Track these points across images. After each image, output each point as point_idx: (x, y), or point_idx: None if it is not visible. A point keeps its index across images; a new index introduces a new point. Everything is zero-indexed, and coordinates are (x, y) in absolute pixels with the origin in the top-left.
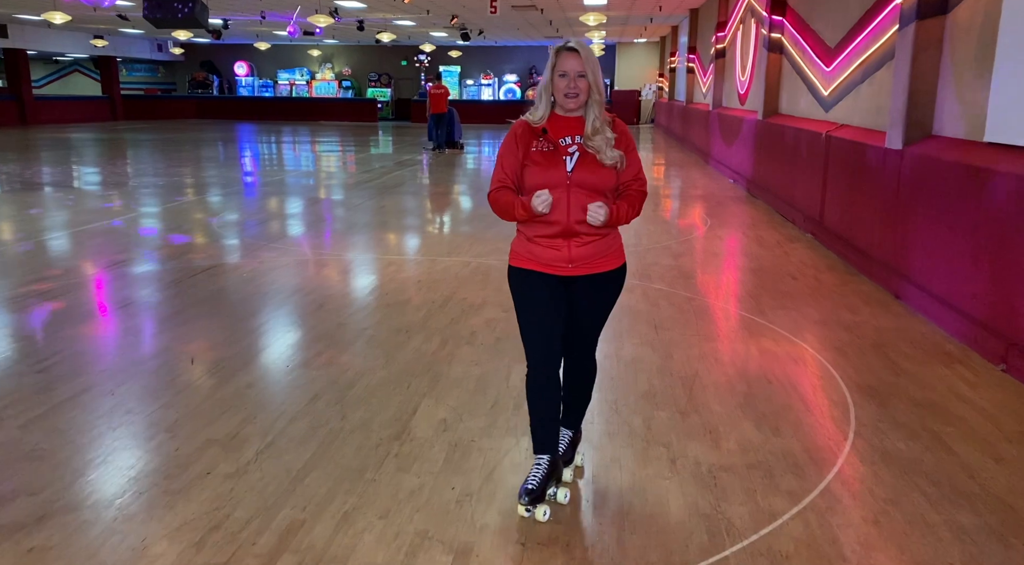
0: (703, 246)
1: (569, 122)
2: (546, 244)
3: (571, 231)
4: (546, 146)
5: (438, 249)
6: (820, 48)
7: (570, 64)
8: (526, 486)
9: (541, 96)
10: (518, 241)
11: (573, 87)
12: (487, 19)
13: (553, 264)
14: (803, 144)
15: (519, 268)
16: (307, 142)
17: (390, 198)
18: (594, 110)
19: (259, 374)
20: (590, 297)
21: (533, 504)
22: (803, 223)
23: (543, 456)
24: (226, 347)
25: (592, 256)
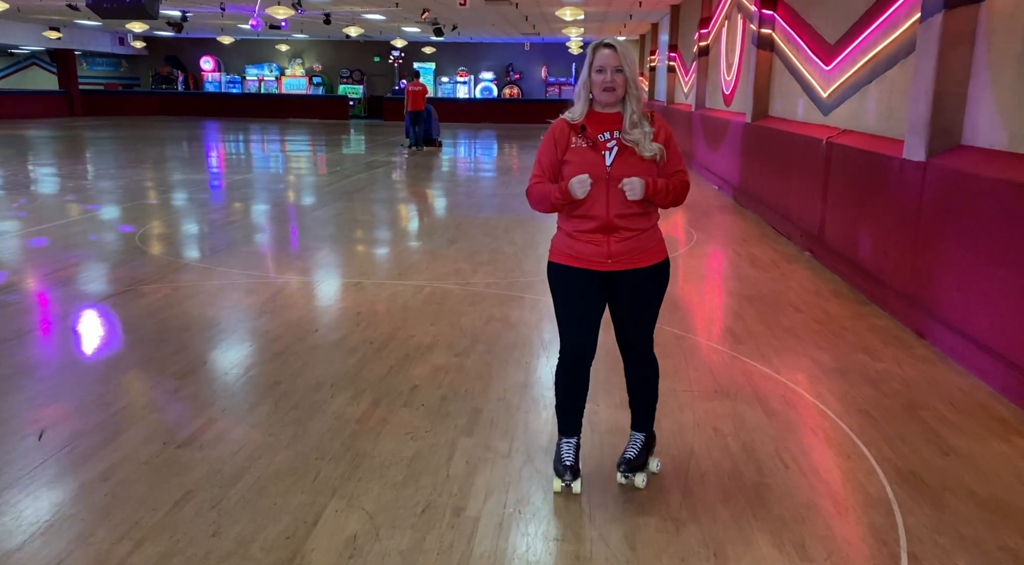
0: (690, 266)
1: (607, 118)
2: (586, 239)
3: (611, 226)
4: (585, 142)
5: (389, 270)
6: (818, 45)
7: (607, 59)
8: (564, 462)
9: (580, 93)
10: (558, 237)
11: (610, 81)
12: (460, 14)
13: (593, 259)
14: (799, 151)
15: (558, 264)
16: (274, 141)
17: (349, 206)
18: (632, 104)
19: (121, 457)
20: (630, 293)
21: (574, 477)
22: (800, 239)
23: (570, 439)
24: (89, 414)
25: (631, 251)
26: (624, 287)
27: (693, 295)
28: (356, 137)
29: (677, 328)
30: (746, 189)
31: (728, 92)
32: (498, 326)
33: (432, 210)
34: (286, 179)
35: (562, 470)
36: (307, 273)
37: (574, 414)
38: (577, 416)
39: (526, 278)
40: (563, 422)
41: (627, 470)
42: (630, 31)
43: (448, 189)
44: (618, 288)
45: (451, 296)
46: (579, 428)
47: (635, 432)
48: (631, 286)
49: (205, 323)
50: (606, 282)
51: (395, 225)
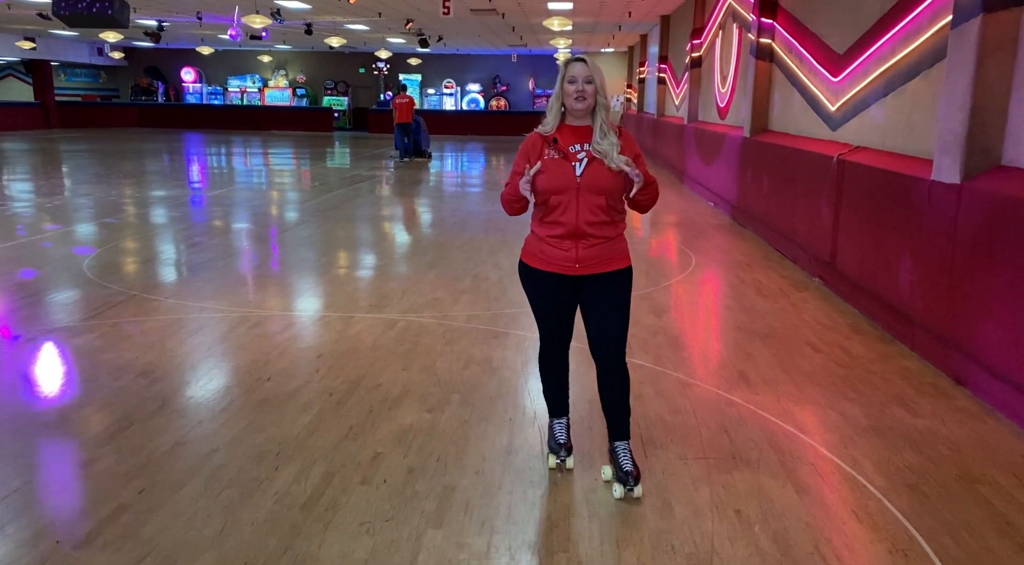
0: (691, 295)
1: (578, 131)
2: (555, 244)
3: (580, 232)
4: (556, 153)
5: (361, 300)
6: (824, 55)
7: (578, 71)
8: (558, 440)
9: (552, 106)
10: (531, 238)
11: (581, 90)
12: (446, 25)
13: (562, 264)
14: (805, 169)
15: (529, 266)
16: (256, 154)
17: (327, 225)
18: (600, 115)
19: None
20: (599, 295)
21: (568, 454)
22: (809, 264)
23: (561, 419)
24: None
25: (598, 257)
26: (591, 292)
27: (697, 330)
28: (340, 150)
29: (682, 372)
30: (745, 207)
31: (723, 105)
32: (478, 371)
33: (413, 229)
34: (264, 195)
35: (557, 447)
36: (269, 305)
37: (561, 396)
38: (564, 397)
39: (511, 309)
40: (552, 405)
41: (634, 483)
42: (619, 43)
43: (431, 205)
44: (586, 293)
45: (427, 332)
46: (567, 408)
47: (619, 442)
48: (598, 290)
49: (139, 371)
50: (575, 285)
51: (373, 246)
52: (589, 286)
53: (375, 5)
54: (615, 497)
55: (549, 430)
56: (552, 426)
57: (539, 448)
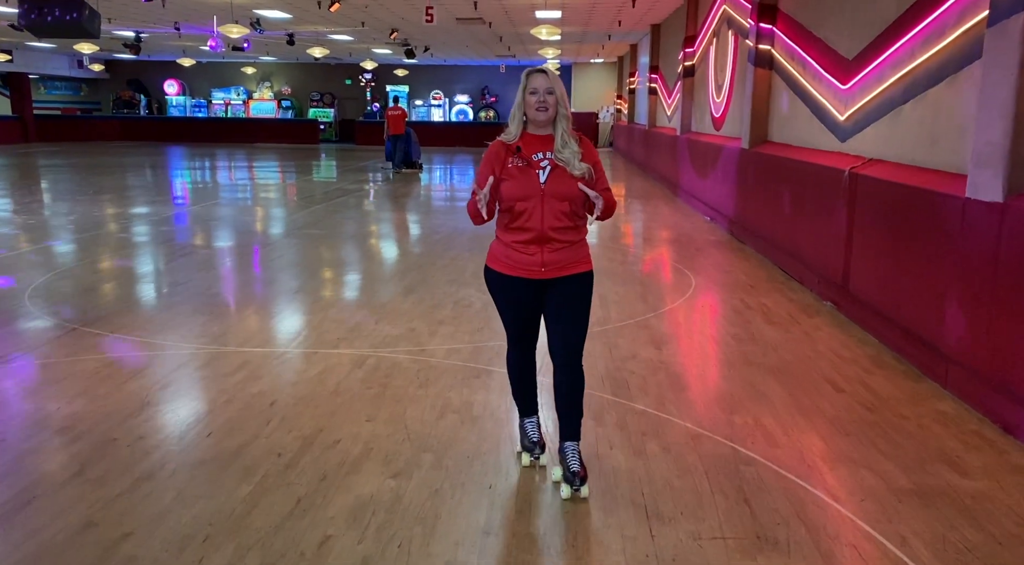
0: (693, 322)
1: (540, 140)
2: (521, 249)
3: (545, 237)
4: (520, 162)
5: (327, 332)
6: (830, 61)
7: (539, 82)
8: (531, 438)
9: (515, 115)
10: (496, 244)
11: (543, 101)
12: (432, 35)
13: (527, 268)
14: (812, 182)
15: (496, 271)
16: (239, 168)
17: (302, 244)
18: (561, 124)
19: None
20: (563, 298)
21: (542, 450)
22: (818, 286)
23: (530, 418)
24: None
25: (563, 261)
26: (555, 294)
27: (703, 366)
28: (326, 162)
29: (689, 419)
30: (744, 222)
31: (718, 115)
32: (455, 422)
33: (394, 247)
34: (244, 211)
35: (531, 446)
36: (225, 339)
37: (530, 395)
38: (533, 396)
39: (495, 341)
40: (522, 404)
41: (580, 483)
42: (608, 53)
43: (416, 221)
44: (550, 295)
45: (399, 371)
46: (537, 407)
47: (568, 443)
48: (562, 293)
49: (59, 426)
50: (540, 289)
51: (349, 268)
52: (553, 289)
53: (358, 15)
54: (562, 497)
55: (521, 429)
56: (524, 425)
57: (525, 530)
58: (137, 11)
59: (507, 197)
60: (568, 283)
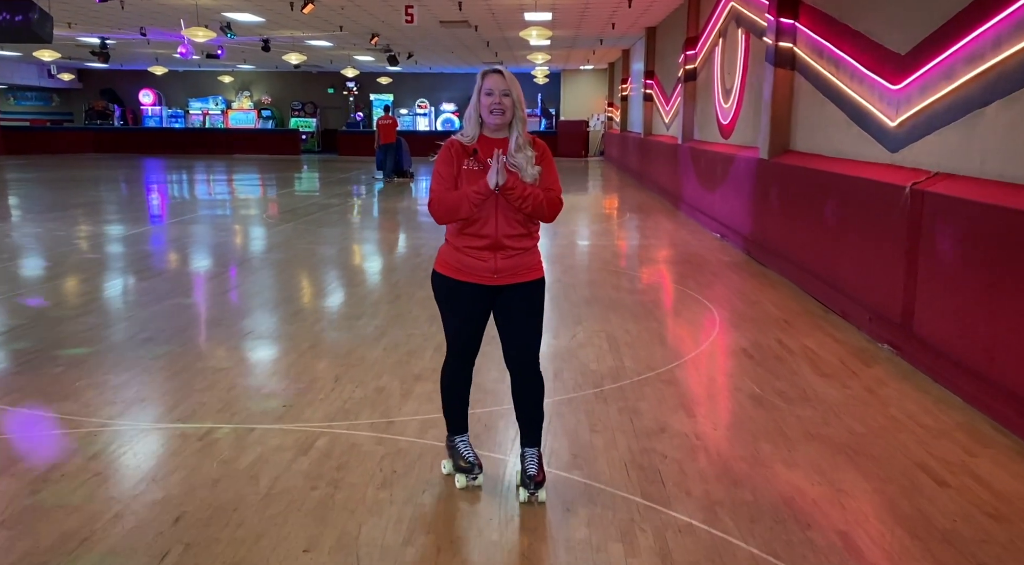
0: (727, 374)
1: (495, 142)
2: (474, 255)
3: (499, 244)
4: (475, 165)
5: (272, 395)
6: (875, 57)
7: (495, 83)
8: (467, 459)
9: (471, 116)
10: (446, 249)
11: (498, 103)
12: (415, 40)
13: (479, 274)
14: (855, 200)
15: (445, 276)
16: (214, 181)
17: (266, 271)
18: (517, 128)
19: None
20: (513, 306)
21: (481, 469)
22: (869, 324)
23: (463, 435)
24: None
25: (515, 268)
26: (507, 302)
27: (754, 445)
28: (308, 174)
29: (755, 540)
30: (764, 242)
31: (727, 122)
32: (429, 549)
33: (369, 274)
34: (210, 230)
35: (467, 467)
36: (133, 411)
37: (462, 411)
38: (464, 412)
39: (489, 407)
40: (453, 421)
41: (535, 488)
42: (599, 59)
43: (396, 241)
44: (502, 302)
45: (358, 459)
46: (466, 425)
47: (528, 448)
48: (514, 300)
49: None
50: (491, 295)
51: (314, 301)
52: (504, 296)
53: (334, 17)
54: (519, 500)
55: (453, 450)
56: (456, 445)
57: None
58: (97, 15)
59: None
60: (519, 289)
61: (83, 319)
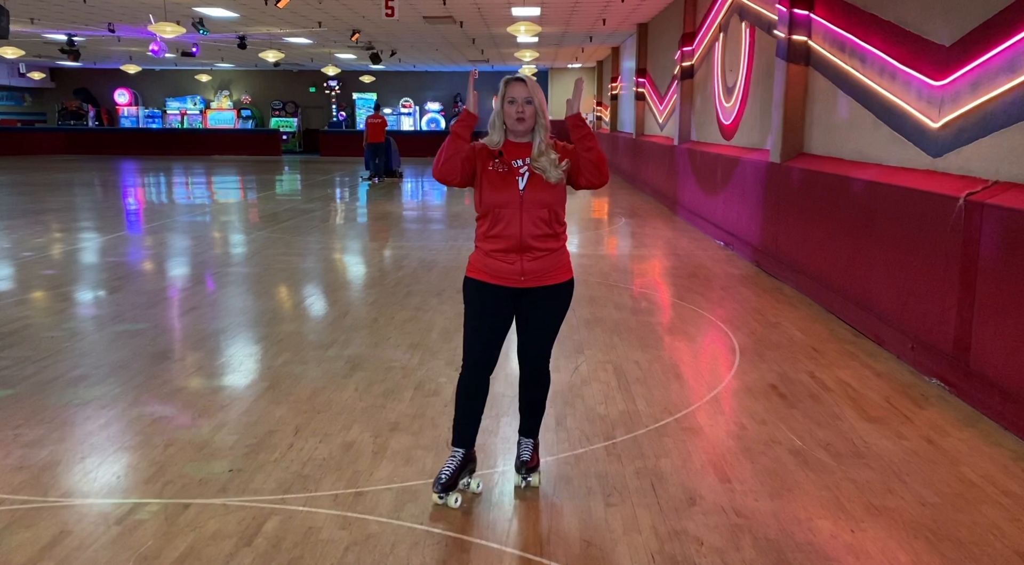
0: (759, 420)
1: (520, 147)
2: (501, 258)
3: (524, 245)
4: (501, 167)
5: (215, 454)
6: (911, 50)
7: (517, 91)
8: (439, 477)
9: (495, 124)
10: (476, 255)
11: (521, 112)
12: (398, 38)
13: (507, 277)
14: (893, 211)
15: (475, 280)
16: (190, 184)
17: (229, 288)
18: (540, 134)
19: None
20: (540, 307)
21: (445, 492)
22: (913, 353)
23: (459, 450)
24: None
25: (542, 270)
26: (532, 302)
27: (807, 523)
28: (291, 176)
29: None
30: (778, 253)
31: (728, 122)
32: None
33: (342, 292)
34: (179, 238)
35: (436, 483)
36: (44, 478)
37: (470, 425)
38: (473, 428)
39: (484, 471)
40: (458, 433)
41: (527, 473)
42: (587, 57)
43: (377, 250)
44: (526, 303)
45: (315, 551)
46: (472, 441)
47: (525, 438)
48: (539, 302)
49: None
50: (517, 298)
51: (278, 327)
52: (530, 298)
53: (313, 13)
54: (514, 484)
55: (449, 460)
56: (449, 457)
57: None
58: (60, 10)
59: (488, 202)
60: (547, 294)
61: (6, 352)
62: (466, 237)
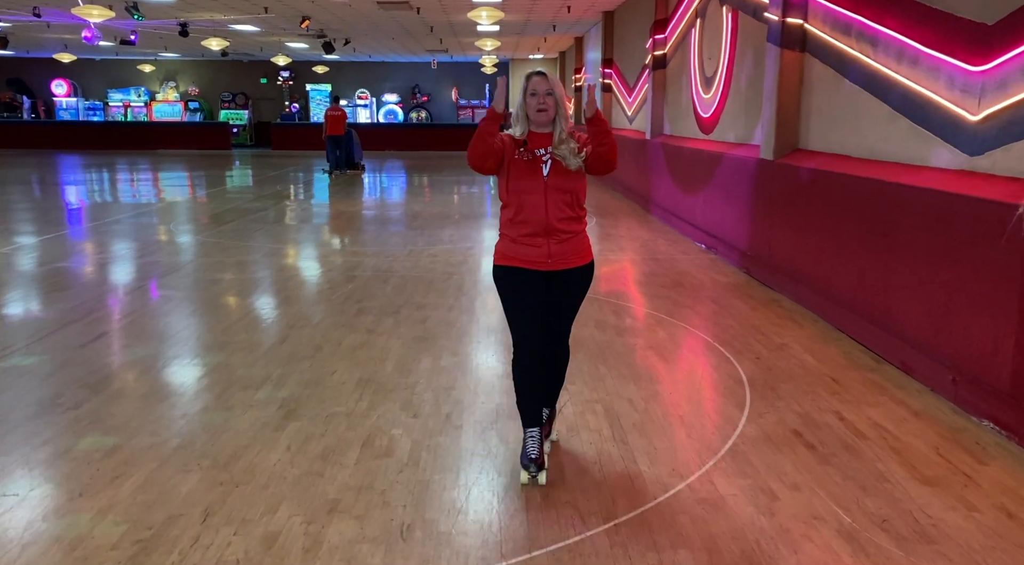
0: (791, 485)
1: (542, 137)
2: (527, 243)
3: (550, 229)
4: (526, 156)
5: (92, 560)
6: (940, 31)
7: (538, 85)
8: (529, 455)
9: (518, 116)
10: (502, 243)
11: (543, 103)
12: (351, 25)
13: (535, 260)
14: (923, 216)
15: (505, 266)
16: (131, 180)
17: (147, 310)
18: (560, 124)
19: None
20: (565, 288)
21: (540, 470)
22: (954, 388)
23: (533, 429)
24: None
25: (568, 252)
26: (559, 284)
27: None
28: (241, 171)
29: None
30: (770, 260)
31: (707, 115)
32: None
33: (283, 311)
34: (98, 247)
35: (527, 462)
36: None
37: (534, 404)
38: (537, 406)
39: None
40: (526, 414)
41: (536, 470)
42: (549, 48)
43: (327, 257)
44: (554, 285)
45: None
46: (541, 418)
47: (544, 407)
48: (566, 283)
49: None
50: (546, 280)
51: (197, 361)
52: (559, 280)
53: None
54: (521, 482)
55: (523, 443)
56: (525, 440)
57: None
58: None
59: (513, 188)
60: (572, 277)
61: None
62: (426, 241)
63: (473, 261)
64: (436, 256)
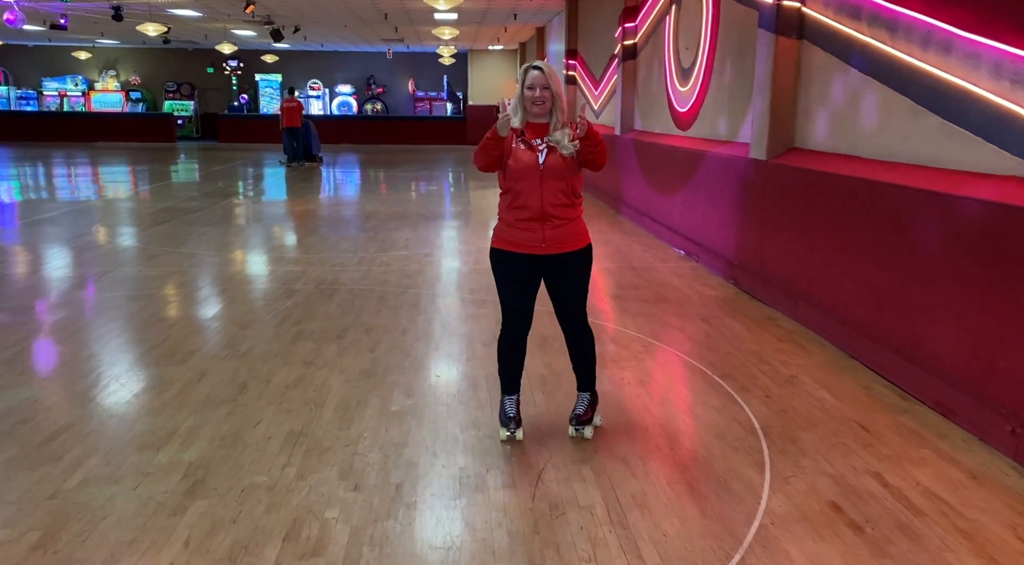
0: None
1: (539, 127)
2: (523, 227)
3: (545, 214)
4: (524, 145)
5: None
6: (981, 9)
7: (536, 79)
8: (508, 414)
9: (517, 108)
10: (499, 227)
11: (539, 97)
12: (301, 12)
13: (529, 244)
14: (968, 233)
15: (500, 250)
16: (82, 176)
17: (30, 348)
18: (557, 115)
19: None
20: (563, 272)
21: (517, 426)
22: (1015, 441)
23: (511, 395)
24: None
25: (562, 237)
26: (556, 268)
27: None
28: (187, 165)
29: None
30: (763, 272)
31: (684, 110)
32: None
33: (206, 335)
34: (20, 253)
35: (506, 420)
36: None
37: (514, 376)
38: (517, 377)
39: None
40: (505, 382)
41: (578, 424)
42: (509, 39)
43: (264, 265)
44: (551, 269)
45: None
46: (519, 387)
47: (581, 392)
48: (562, 267)
49: None
50: (541, 264)
51: (90, 407)
52: (554, 264)
53: None
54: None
55: (500, 406)
56: (503, 402)
57: None
58: None
59: (510, 175)
60: (569, 260)
61: None
62: (379, 246)
63: (431, 271)
64: (390, 264)
